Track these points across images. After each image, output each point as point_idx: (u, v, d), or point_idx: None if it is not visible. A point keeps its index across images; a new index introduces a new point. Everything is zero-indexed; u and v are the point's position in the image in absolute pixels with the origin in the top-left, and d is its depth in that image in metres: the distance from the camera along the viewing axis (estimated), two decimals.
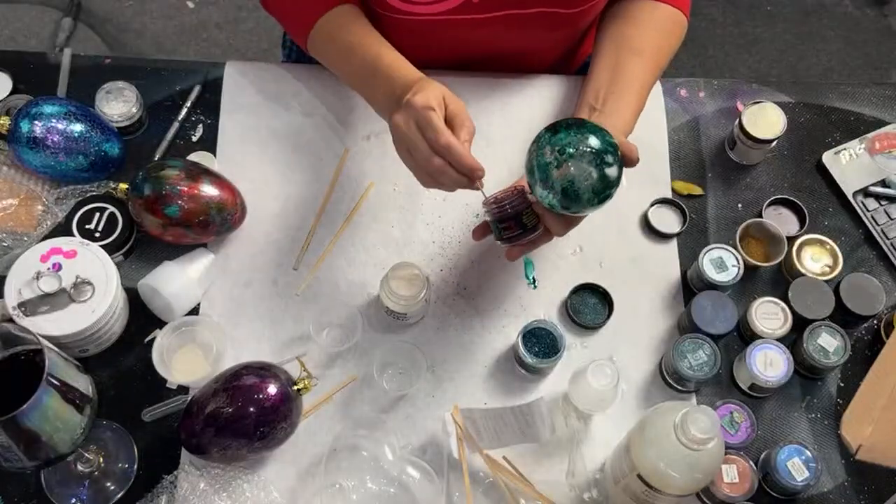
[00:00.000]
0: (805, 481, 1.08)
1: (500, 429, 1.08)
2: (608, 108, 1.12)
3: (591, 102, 1.14)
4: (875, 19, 2.60)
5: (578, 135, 0.98)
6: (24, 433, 0.89)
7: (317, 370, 1.13)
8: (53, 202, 1.19)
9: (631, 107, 1.13)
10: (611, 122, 1.08)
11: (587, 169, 0.97)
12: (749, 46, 2.53)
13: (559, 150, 0.98)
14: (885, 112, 1.35)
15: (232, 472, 1.08)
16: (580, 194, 0.98)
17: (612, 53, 1.18)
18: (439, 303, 1.20)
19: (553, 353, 1.13)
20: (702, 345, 1.14)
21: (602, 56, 1.19)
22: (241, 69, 1.32)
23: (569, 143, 0.98)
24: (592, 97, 1.15)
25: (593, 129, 0.99)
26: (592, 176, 0.97)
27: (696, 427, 0.91)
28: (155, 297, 1.15)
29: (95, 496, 1.09)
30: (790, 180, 1.30)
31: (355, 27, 1.15)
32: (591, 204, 0.99)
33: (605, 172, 0.98)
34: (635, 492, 1.00)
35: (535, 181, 1.00)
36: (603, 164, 0.98)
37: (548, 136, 1.00)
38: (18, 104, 1.22)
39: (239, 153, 1.27)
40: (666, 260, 1.24)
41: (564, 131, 0.99)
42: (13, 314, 1.06)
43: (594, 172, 0.97)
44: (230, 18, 2.48)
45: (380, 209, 1.25)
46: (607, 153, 0.98)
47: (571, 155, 0.97)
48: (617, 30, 1.21)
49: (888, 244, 1.26)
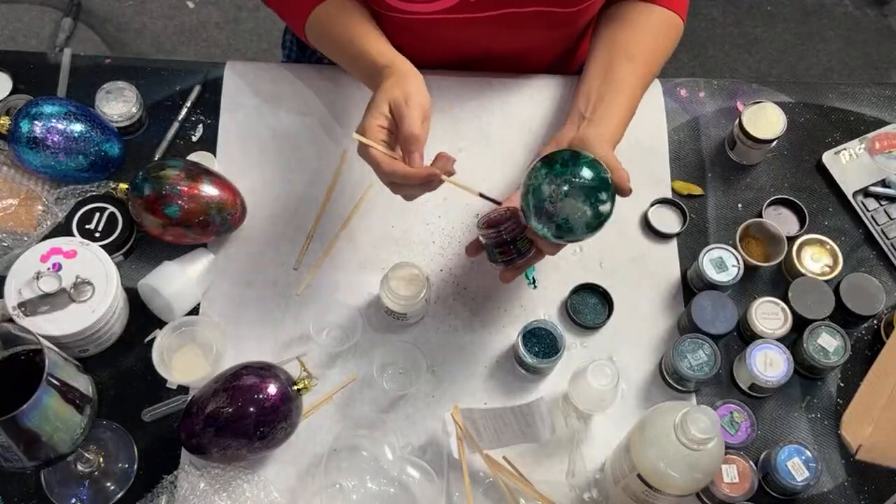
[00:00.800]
0: (805, 481, 1.08)
1: (500, 429, 1.08)
2: (597, 116, 1.13)
3: (581, 110, 1.15)
4: (875, 19, 2.60)
5: (574, 169, 1.00)
6: (24, 433, 0.89)
7: (317, 370, 1.13)
8: (53, 202, 1.19)
9: (620, 115, 1.14)
10: (599, 131, 1.09)
11: (581, 207, 1.00)
12: (749, 46, 2.53)
13: (555, 187, 1.00)
14: (885, 112, 1.35)
15: (232, 472, 1.08)
16: (574, 229, 1.01)
17: (604, 58, 1.18)
18: (439, 303, 1.20)
19: (553, 353, 1.13)
20: (702, 345, 1.14)
21: (594, 61, 1.19)
22: (241, 69, 1.32)
23: (564, 180, 1.00)
24: (583, 104, 1.15)
25: (588, 162, 1.01)
26: (587, 214, 1.00)
27: (696, 427, 0.91)
28: (155, 297, 1.15)
29: (95, 496, 1.09)
30: (790, 180, 1.30)
31: (344, 18, 1.15)
32: (584, 236, 1.03)
33: (598, 210, 1.01)
34: (635, 492, 1.00)
35: (530, 212, 1.02)
36: (597, 202, 1.00)
37: (544, 171, 1.01)
38: (18, 104, 1.22)
39: (239, 153, 1.27)
40: (666, 260, 1.24)
41: (560, 167, 1.01)
42: (13, 314, 1.06)
43: (588, 210, 1.00)
44: (230, 18, 2.48)
45: (380, 209, 1.25)
46: (601, 190, 1.01)
47: (566, 193, 1.00)
48: (610, 33, 1.21)
49: (888, 244, 1.26)
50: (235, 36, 2.46)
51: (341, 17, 1.15)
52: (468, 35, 1.21)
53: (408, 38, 1.17)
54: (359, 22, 1.14)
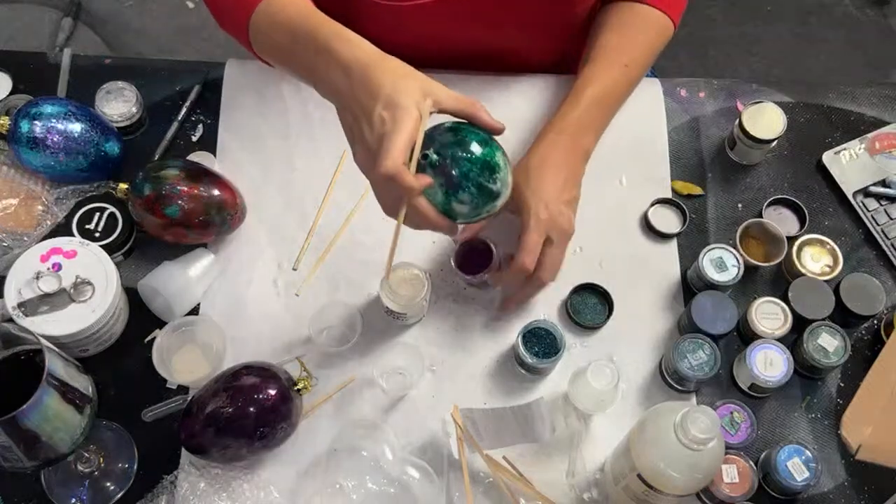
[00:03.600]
0: (805, 481, 1.08)
1: (500, 429, 1.08)
2: (571, 129, 1.15)
3: (559, 124, 1.16)
4: (875, 19, 2.60)
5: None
6: (24, 433, 0.89)
7: (317, 370, 1.13)
8: (53, 202, 1.19)
9: (595, 124, 1.17)
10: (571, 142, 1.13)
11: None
12: (749, 46, 2.53)
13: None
14: (885, 112, 1.35)
15: (232, 472, 1.08)
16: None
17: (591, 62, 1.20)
18: (439, 303, 1.20)
19: (553, 353, 1.13)
20: (702, 345, 1.14)
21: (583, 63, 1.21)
22: (242, 68, 1.32)
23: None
24: (559, 116, 1.17)
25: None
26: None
27: (696, 427, 0.91)
28: (155, 297, 1.15)
29: (95, 496, 1.09)
30: (790, 180, 1.30)
31: (296, 7, 1.02)
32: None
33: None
34: (635, 492, 1.00)
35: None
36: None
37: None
38: (18, 104, 1.22)
39: (239, 153, 1.27)
40: (666, 260, 1.24)
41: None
42: (13, 314, 1.06)
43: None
44: None
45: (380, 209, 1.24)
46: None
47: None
48: (596, 37, 1.22)
49: (888, 244, 1.26)
50: None
51: (294, 5, 1.02)
52: (453, 27, 1.19)
53: (392, 33, 1.11)
54: (314, 11, 1.01)
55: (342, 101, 0.96)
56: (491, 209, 0.98)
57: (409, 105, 0.89)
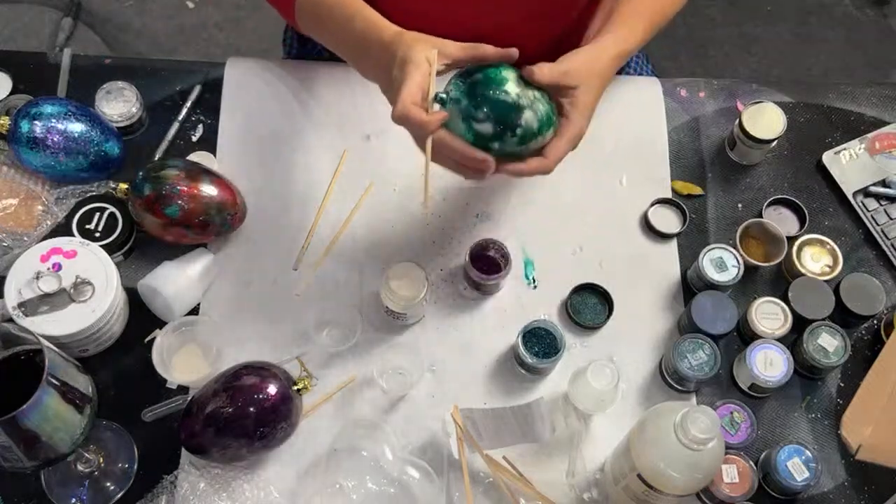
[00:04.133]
0: (805, 481, 1.08)
1: (500, 429, 1.08)
2: (629, 51, 1.10)
3: (623, 45, 1.10)
4: (875, 19, 2.60)
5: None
6: (23, 433, 0.89)
7: (317, 370, 1.13)
8: (53, 202, 1.19)
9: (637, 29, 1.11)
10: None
11: None
12: (749, 46, 2.53)
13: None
14: (885, 112, 1.35)
15: (232, 472, 1.08)
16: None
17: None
18: (439, 303, 1.20)
19: (553, 353, 1.13)
20: (702, 345, 1.14)
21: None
22: (242, 66, 1.32)
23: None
24: (622, 38, 1.11)
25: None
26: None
27: (696, 427, 0.91)
28: (155, 297, 1.15)
29: (95, 496, 1.09)
30: (790, 180, 1.30)
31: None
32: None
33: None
34: (635, 492, 1.00)
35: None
36: None
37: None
38: (18, 104, 1.22)
39: (239, 153, 1.27)
40: (666, 260, 1.24)
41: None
42: (13, 314, 1.06)
43: None
44: (230, 18, 2.48)
45: (380, 209, 1.25)
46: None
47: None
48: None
49: (888, 244, 1.26)
50: (235, 36, 2.46)
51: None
52: (458, 14, 1.19)
53: (406, 20, 1.11)
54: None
55: (379, 82, 1.04)
56: (523, 131, 0.97)
57: (418, 59, 0.97)
